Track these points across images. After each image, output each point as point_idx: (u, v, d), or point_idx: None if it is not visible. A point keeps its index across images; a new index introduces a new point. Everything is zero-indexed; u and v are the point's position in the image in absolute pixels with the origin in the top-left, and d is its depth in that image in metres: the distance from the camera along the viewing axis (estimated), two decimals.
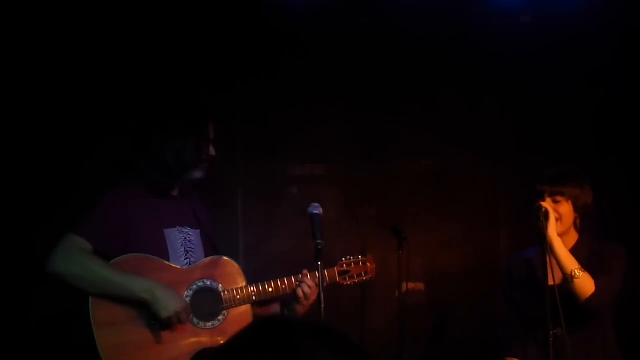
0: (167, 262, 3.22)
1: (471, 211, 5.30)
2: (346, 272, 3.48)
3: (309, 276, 3.32)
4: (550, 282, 3.30)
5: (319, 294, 3.12)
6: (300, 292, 3.30)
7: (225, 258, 3.35)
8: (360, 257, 3.53)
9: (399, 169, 5.44)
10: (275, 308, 3.46)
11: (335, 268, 3.46)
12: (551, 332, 3.29)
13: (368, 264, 3.53)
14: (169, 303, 3.08)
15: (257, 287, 3.29)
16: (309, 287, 3.30)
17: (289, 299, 3.38)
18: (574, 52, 5.07)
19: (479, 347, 4.81)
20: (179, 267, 3.25)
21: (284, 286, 3.32)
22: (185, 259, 3.30)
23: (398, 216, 5.20)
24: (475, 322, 5.06)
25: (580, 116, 5.09)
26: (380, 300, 5.13)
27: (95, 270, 3.06)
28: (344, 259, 3.50)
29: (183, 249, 3.30)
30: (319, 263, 3.11)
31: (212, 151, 3.35)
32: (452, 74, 5.19)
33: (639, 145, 5.09)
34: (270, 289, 3.31)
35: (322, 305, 3.09)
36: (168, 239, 3.27)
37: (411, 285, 5.12)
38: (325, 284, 3.23)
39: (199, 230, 3.40)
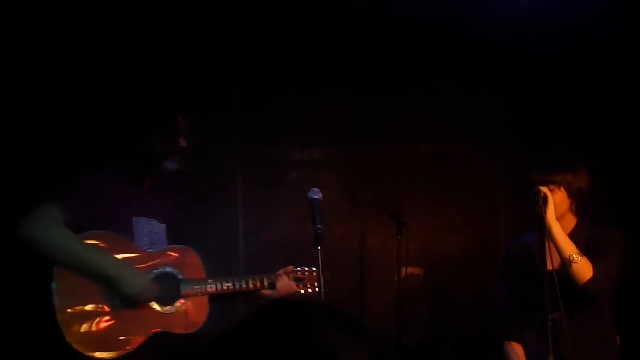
0: (132, 243, 3.30)
1: (470, 196, 5.31)
2: (300, 279, 3.58)
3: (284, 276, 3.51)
4: (549, 267, 3.31)
5: (318, 277, 3.15)
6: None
7: (189, 248, 3.43)
8: (314, 269, 3.57)
9: (399, 154, 5.44)
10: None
11: (291, 273, 3.56)
12: (550, 317, 3.30)
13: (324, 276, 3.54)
14: (136, 282, 3.17)
15: (215, 282, 3.37)
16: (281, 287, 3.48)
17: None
18: (573, 37, 5.06)
19: (478, 332, 4.83)
20: (144, 249, 3.32)
21: (239, 285, 3.41)
22: (149, 248, 3.36)
23: (397, 201, 5.20)
24: (474, 307, 5.07)
25: (579, 102, 5.09)
26: (379, 285, 5.15)
27: (65, 241, 3.12)
28: (299, 269, 3.59)
29: (148, 239, 3.37)
30: (319, 248, 3.12)
31: (182, 143, 3.42)
32: (451, 60, 5.19)
33: (636, 131, 5.09)
34: (228, 285, 3.39)
35: (323, 289, 3.12)
36: (135, 227, 3.35)
37: (410, 270, 5.14)
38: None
39: (164, 226, 3.47)
